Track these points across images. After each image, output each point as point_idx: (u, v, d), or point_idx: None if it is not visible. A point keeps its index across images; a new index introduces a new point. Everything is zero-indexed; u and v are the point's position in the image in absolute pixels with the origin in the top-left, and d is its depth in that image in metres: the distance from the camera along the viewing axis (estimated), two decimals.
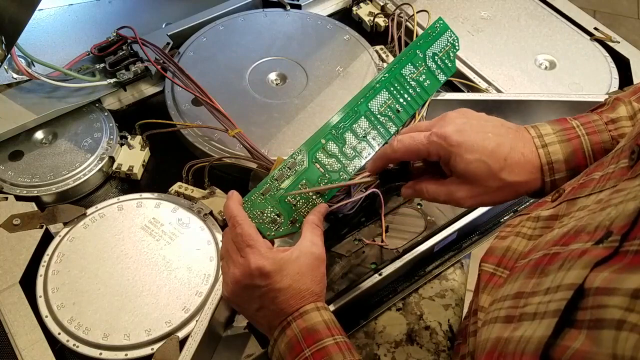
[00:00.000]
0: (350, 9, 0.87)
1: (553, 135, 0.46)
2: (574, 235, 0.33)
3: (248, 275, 0.45)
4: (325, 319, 0.45)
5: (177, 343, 0.52)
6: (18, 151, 0.66)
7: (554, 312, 0.28)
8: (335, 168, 0.55)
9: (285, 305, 0.45)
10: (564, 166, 0.46)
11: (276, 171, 0.53)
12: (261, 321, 0.47)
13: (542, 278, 0.32)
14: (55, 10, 0.83)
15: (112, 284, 0.55)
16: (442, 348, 0.57)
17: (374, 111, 0.59)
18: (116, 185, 0.68)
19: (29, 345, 0.51)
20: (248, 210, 0.51)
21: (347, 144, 0.57)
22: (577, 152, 0.46)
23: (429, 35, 0.66)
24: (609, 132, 0.46)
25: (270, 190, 0.52)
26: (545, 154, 0.46)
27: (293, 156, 0.54)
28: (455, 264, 0.64)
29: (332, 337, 0.44)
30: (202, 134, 0.67)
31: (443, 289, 0.62)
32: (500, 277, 0.42)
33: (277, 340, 0.45)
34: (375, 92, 0.60)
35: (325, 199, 0.54)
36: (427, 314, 0.60)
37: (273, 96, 0.72)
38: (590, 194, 0.37)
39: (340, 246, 0.62)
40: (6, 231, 0.58)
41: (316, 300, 0.46)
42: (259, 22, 0.81)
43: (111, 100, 0.73)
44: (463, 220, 0.62)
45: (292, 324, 0.45)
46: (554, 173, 0.46)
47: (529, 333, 0.29)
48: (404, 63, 0.63)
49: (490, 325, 0.36)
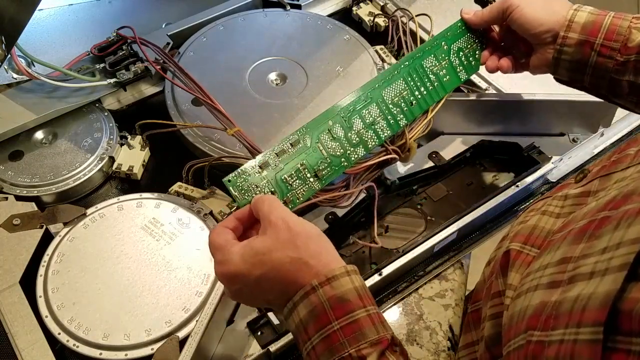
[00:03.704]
0: (350, 9, 0.87)
1: (588, 11, 0.56)
2: (622, 200, 0.34)
3: (224, 281, 0.44)
4: (357, 286, 0.40)
5: (177, 343, 0.52)
6: (18, 151, 0.66)
7: (620, 267, 0.28)
8: (337, 153, 0.54)
9: (290, 278, 0.41)
10: (579, 28, 0.55)
11: (277, 146, 0.51)
12: (275, 302, 0.43)
13: (593, 241, 0.33)
14: (55, 10, 0.83)
15: (112, 284, 0.55)
16: (442, 348, 0.57)
17: (386, 100, 0.57)
18: (116, 185, 0.68)
19: (29, 345, 0.51)
20: (242, 182, 0.49)
21: (354, 130, 0.55)
22: (596, 23, 0.54)
23: (459, 28, 0.63)
24: (629, 22, 0.53)
25: (269, 164, 0.51)
26: (572, 14, 0.55)
27: (297, 133, 0.52)
28: (455, 264, 0.63)
29: (364, 308, 0.39)
30: (202, 134, 0.67)
31: (443, 289, 0.62)
32: (528, 254, 0.43)
33: (298, 305, 0.40)
34: (392, 80, 0.58)
35: (323, 183, 0.53)
36: (427, 314, 0.60)
37: (273, 96, 0.72)
38: (628, 167, 0.40)
39: (341, 246, 0.62)
40: (6, 231, 0.58)
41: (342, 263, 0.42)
42: (259, 22, 0.81)
43: (111, 100, 0.73)
44: (463, 220, 0.62)
45: (319, 290, 0.39)
46: (569, 30, 0.55)
47: (588, 290, 0.30)
48: (428, 54, 0.60)
49: (529, 294, 0.36)
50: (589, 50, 0.54)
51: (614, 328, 0.27)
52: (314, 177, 0.53)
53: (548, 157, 0.68)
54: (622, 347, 0.26)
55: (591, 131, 0.73)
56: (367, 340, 0.38)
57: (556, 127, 0.72)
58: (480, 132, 0.71)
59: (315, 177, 0.53)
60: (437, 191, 0.68)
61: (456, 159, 0.69)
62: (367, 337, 0.38)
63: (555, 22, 0.56)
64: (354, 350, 0.38)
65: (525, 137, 0.70)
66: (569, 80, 0.59)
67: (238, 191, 0.50)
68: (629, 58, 0.53)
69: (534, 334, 0.33)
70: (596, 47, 0.54)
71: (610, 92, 0.56)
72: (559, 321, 0.31)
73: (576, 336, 0.29)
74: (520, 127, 0.71)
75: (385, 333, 0.39)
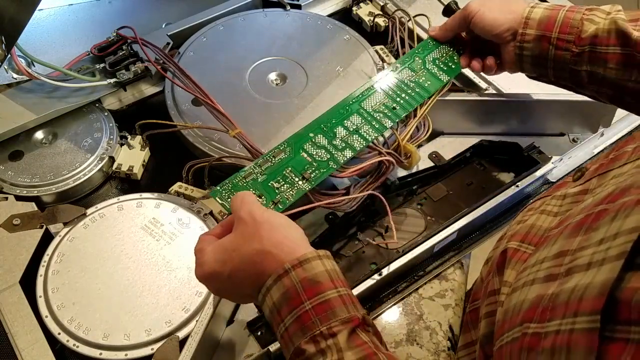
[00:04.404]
0: (350, 9, 0.87)
1: (543, 7, 0.58)
2: (619, 193, 0.34)
3: (203, 282, 0.45)
4: (328, 269, 0.41)
5: (177, 343, 0.52)
6: (18, 151, 0.66)
7: (617, 256, 0.28)
8: (323, 158, 0.56)
9: (258, 270, 0.42)
10: (535, 24, 0.57)
11: (260, 159, 0.54)
12: (252, 294, 0.43)
13: (590, 233, 0.33)
14: (55, 10, 0.83)
15: (112, 284, 0.55)
16: (442, 348, 0.57)
17: (367, 109, 0.60)
18: (116, 185, 0.68)
19: (29, 345, 0.51)
20: (228, 193, 0.51)
21: (337, 137, 0.57)
22: (550, 18, 0.56)
23: (429, 44, 0.67)
24: (582, 14, 0.56)
25: (252, 174, 0.53)
26: (529, 11, 0.58)
27: (279, 147, 0.55)
28: (455, 264, 0.63)
29: (335, 289, 0.40)
30: (202, 134, 0.67)
31: (443, 289, 0.62)
32: (525, 252, 0.43)
33: (271, 289, 0.41)
34: (368, 94, 0.61)
35: (312, 183, 0.54)
36: (427, 314, 0.60)
37: (273, 96, 0.72)
38: (626, 164, 0.40)
39: (340, 246, 0.62)
40: (6, 231, 0.58)
41: (310, 248, 0.43)
42: (259, 22, 0.81)
43: (111, 100, 0.73)
44: (463, 220, 0.62)
45: (291, 272, 0.40)
46: (526, 27, 0.57)
47: (585, 281, 0.30)
48: (403, 67, 0.64)
49: (525, 288, 0.36)
50: (547, 44, 0.57)
51: (612, 317, 0.27)
52: (301, 179, 0.54)
53: (548, 157, 0.68)
54: (620, 336, 0.26)
55: (591, 131, 0.73)
56: (338, 318, 0.39)
57: (556, 127, 0.72)
58: (480, 132, 0.71)
59: (303, 179, 0.54)
60: (437, 191, 0.68)
61: (456, 159, 0.69)
62: (338, 316, 0.39)
63: (512, 20, 0.58)
64: (325, 328, 0.39)
65: (525, 137, 0.70)
66: (537, 76, 0.61)
67: (224, 200, 0.52)
68: (584, 49, 0.55)
69: (530, 326, 0.33)
70: (553, 40, 0.56)
71: (573, 82, 0.59)
72: (556, 312, 0.31)
73: (573, 325, 0.29)
74: (520, 127, 0.71)
75: (356, 312, 0.40)
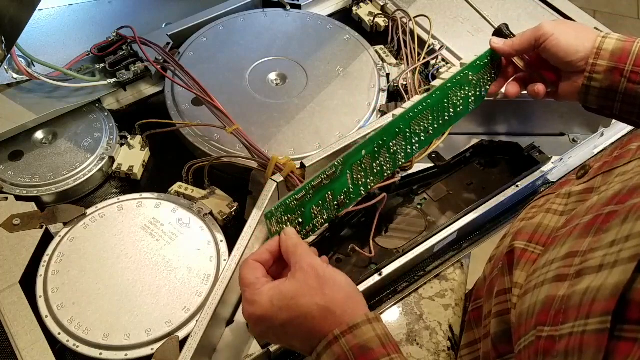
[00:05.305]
0: (350, 9, 0.87)
1: (616, 38, 0.54)
2: (627, 194, 0.35)
3: (251, 322, 0.44)
4: (379, 334, 0.40)
5: (177, 343, 0.52)
6: (18, 151, 0.66)
7: (630, 259, 0.29)
8: (359, 182, 0.54)
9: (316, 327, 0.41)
10: (607, 55, 0.53)
11: (314, 180, 0.50)
12: (300, 348, 0.44)
13: (600, 235, 0.33)
14: (55, 10, 0.83)
15: (112, 284, 0.55)
16: (442, 348, 0.57)
17: (413, 129, 0.56)
18: (116, 185, 0.68)
19: (29, 345, 0.51)
20: (281, 214, 0.49)
21: (378, 160, 0.54)
22: (624, 50, 0.53)
23: (485, 58, 0.59)
24: None
25: (305, 196, 0.50)
26: (600, 41, 0.54)
27: (333, 166, 0.51)
28: (455, 264, 0.64)
29: (387, 355, 0.39)
30: (202, 134, 0.67)
31: (443, 289, 0.62)
32: (533, 252, 0.43)
33: (322, 356, 0.40)
34: (421, 111, 0.56)
35: (341, 210, 0.53)
36: (427, 314, 0.60)
37: (273, 96, 0.72)
38: (631, 161, 0.40)
39: (340, 246, 0.62)
40: (6, 231, 0.58)
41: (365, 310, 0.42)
42: (259, 22, 0.81)
43: (111, 100, 0.73)
44: (463, 220, 0.62)
45: (341, 340, 0.40)
46: (598, 58, 0.54)
47: (597, 283, 0.30)
48: (455, 84, 0.58)
49: (536, 291, 0.36)
50: (619, 77, 0.53)
51: (622, 318, 0.27)
52: (335, 206, 0.53)
53: (548, 157, 0.68)
54: (629, 336, 0.27)
55: (591, 131, 0.73)
56: None
57: (556, 127, 0.72)
58: (480, 132, 0.71)
59: (336, 205, 0.53)
60: (437, 191, 0.68)
61: (456, 159, 0.69)
62: None
63: (587, 49, 0.55)
64: None
65: (525, 137, 0.70)
66: (597, 108, 0.57)
67: (274, 225, 0.49)
68: None
69: (544, 330, 0.33)
70: (626, 73, 0.53)
71: None
72: (569, 315, 0.31)
73: (585, 327, 0.29)
74: (520, 127, 0.71)
75: None
